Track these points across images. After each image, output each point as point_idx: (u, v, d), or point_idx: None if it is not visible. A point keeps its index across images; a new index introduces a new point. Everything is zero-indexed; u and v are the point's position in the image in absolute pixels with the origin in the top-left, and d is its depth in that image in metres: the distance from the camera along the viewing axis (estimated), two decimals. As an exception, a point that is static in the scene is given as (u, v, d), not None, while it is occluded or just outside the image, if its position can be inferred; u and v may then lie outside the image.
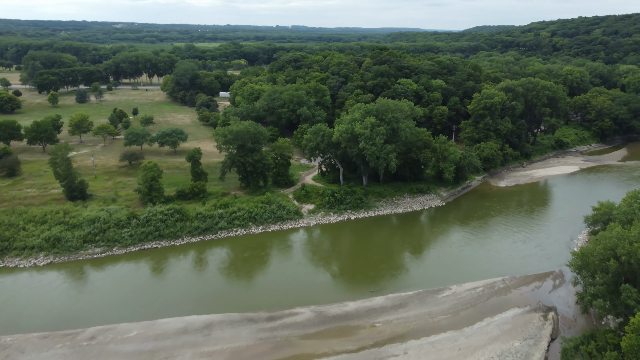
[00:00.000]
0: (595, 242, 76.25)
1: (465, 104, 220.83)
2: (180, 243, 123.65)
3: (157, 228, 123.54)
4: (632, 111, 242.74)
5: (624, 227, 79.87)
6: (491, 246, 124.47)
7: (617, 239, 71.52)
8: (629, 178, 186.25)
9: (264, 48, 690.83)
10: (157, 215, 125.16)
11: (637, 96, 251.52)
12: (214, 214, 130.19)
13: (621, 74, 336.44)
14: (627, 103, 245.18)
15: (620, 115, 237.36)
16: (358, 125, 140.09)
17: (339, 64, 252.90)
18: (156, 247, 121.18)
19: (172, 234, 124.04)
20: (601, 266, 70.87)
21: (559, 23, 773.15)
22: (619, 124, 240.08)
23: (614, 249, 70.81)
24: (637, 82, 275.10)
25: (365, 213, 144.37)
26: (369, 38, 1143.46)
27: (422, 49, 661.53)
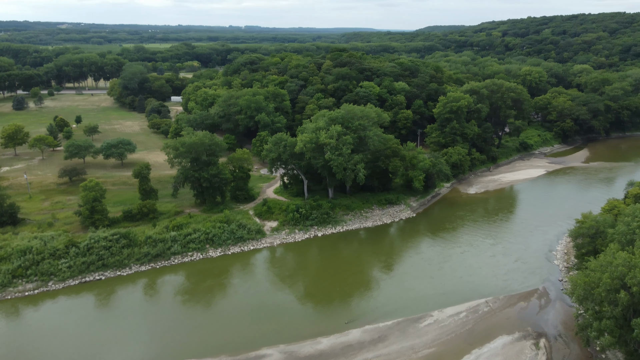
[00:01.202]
0: (600, 268, 68.31)
1: (429, 106, 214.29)
2: (128, 273, 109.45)
3: (101, 257, 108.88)
4: (592, 111, 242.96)
5: (624, 249, 72.59)
6: (471, 261, 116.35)
7: (623, 266, 63.78)
8: (596, 180, 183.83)
9: (217, 49, 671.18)
10: (100, 242, 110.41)
11: (595, 96, 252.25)
12: (166, 237, 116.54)
13: (575, 74, 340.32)
14: (587, 103, 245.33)
15: (580, 116, 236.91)
16: (323, 135, 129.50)
17: (298, 66, 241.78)
18: (99, 279, 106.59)
19: (118, 262, 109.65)
20: (609, 298, 62.91)
21: (509, 23, 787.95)
22: (579, 124, 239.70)
23: (622, 278, 63.02)
24: (593, 82, 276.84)
25: (333, 229, 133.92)
26: (323, 38, 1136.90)
27: (378, 49, 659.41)
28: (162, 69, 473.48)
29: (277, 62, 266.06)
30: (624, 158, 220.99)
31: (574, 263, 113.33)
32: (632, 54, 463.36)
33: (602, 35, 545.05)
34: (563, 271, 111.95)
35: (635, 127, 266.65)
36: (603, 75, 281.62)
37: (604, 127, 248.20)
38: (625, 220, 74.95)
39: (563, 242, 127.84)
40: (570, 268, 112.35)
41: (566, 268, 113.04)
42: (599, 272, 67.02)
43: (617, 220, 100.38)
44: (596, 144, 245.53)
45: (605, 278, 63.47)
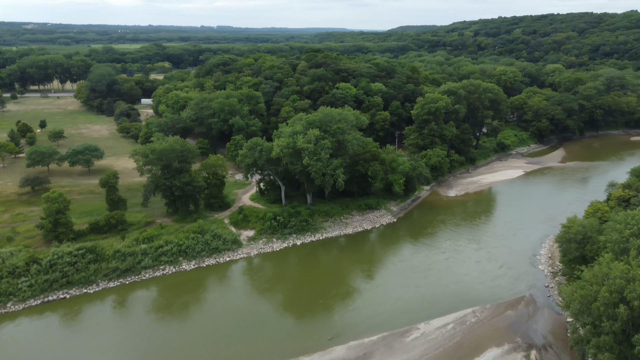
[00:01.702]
0: (595, 280, 65.14)
1: (406, 108, 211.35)
2: (95, 290, 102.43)
3: (65, 274, 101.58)
4: (566, 111, 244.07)
5: (618, 259, 69.80)
6: (457, 268, 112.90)
7: (621, 278, 60.71)
8: (574, 181, 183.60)
9: (189, 49, 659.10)
10: (64, 258, 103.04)
11: (569, 96, 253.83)
12: (135, 250, 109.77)
13: (548, 73, 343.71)
14: (561, 103, 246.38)
15: (556, 116, 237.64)
16: (300, 139, 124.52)
17: (272, 67, 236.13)
18: (64, 298, 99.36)
19: (84, 279, 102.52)
20: (607, 313, 59.70)
21: (481, 23, 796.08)
22: (555, 124, 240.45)
23: (620, 292, 59.94)
24: (567, 81, 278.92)
25: (312, 236, 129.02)
26: (296, 38, 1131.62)
27: (352, 49, 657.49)
28: (132, 70, 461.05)
29: (250, 63, 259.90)
30: (599, 157, 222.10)
31: (559, 268, 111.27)
32: (601, 53, 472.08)
33: (571, 35, 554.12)
34: (548, 276, 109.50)
35: (608, 126, 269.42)
36: (576, 75, 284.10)
37: (578, 126, 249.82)
38: (617, 228, 72.22)
39: (546, 245, 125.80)
40: (556, 273, 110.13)
41: (551, 273, 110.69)
42: (596, 285, 63.88)
43: (604, 225, 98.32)
44: (571, 143, 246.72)
45: (603, 292, 60.29)
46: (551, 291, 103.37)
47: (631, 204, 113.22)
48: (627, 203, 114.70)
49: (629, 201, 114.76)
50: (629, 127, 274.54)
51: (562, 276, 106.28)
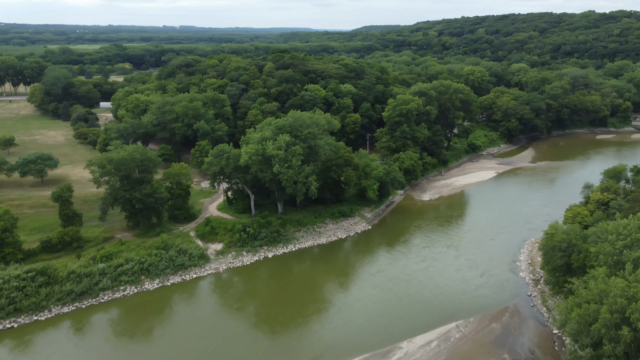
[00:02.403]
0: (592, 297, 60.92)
1: (377, 109, 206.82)
2: (47, 316, 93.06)
3: (12, 300, 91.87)
4: (534, 110, 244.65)
5: (612, 273, 65.94)
6: (437, 278, 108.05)
7: (622, 297, 56.57)
8: (547, 181, 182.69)
9: (150, 50, 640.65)
10: (11, 282, 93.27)
11: (536, 95, 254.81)
12: (92, 270, 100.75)
13: (514, 72, 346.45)
14: (529, 102, 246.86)
15: (524, 115, 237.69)
16: (270, 145, 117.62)
17: (238, 69, 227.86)
18: (11, 327, 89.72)
19: (35, 305, 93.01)
20: (609, 335, 55.41)
21: (444, 23, 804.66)
22: (523, 123, 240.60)
23: (622, 312, 55.75)
24: (534, 81, 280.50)
25: (285, 248, 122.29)
26: (261, 38, 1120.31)
27: (318, 49, 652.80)
28: (90, 72, 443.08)
29: (215, 64, 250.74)
30: (568, 156, 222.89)
31: (540, 275, 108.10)
32: (562, 53, 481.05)
33: (533, 34, 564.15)
34: (530, 284, 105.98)
35: (574, 125, 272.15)
36: (542, 74, 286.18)
37: (546, 125, 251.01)
38: (610, 239, 68.43)
39: (525, 250, 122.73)
40: (537, 281, 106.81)
41: (533, 281, 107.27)
42: (594, 303, 59.64)
43: (586, 231, 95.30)
44: (539, 142, 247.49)
45: (604, 312, 56.03)
46: (534, 300, 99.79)
47: (610, 207, 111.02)
48: (606, 206, 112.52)
49: (607, 204, 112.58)
50: (593, 126, 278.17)
51: (545, 284, 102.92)
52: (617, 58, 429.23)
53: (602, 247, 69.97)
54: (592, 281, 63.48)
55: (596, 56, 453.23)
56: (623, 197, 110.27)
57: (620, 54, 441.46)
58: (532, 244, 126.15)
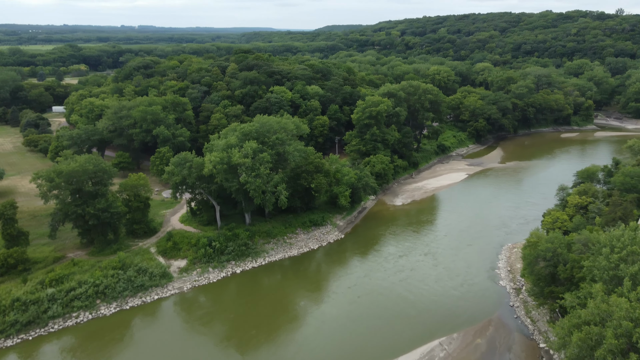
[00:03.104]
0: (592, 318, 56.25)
1: (345, 111, 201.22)
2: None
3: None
4: (501, 110, 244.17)
5: (610, 289, 61.64)
6: (417, 290, 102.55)
7: (626, 319, 52.00)
8: (517, 182, 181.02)
9: (107, 51, 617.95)
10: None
11: (503, 95, 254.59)
12: (41, 296, 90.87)
13: (478, 72, 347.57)
14: (496, 102, 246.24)
15: (492, 115, 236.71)
16: (236, 153, 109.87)
17: (200, 70, 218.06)
18: (-55, 367, 79.33)
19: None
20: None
21: (407, 22, 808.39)
22: (491, 123, 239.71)
23: (628, 337, 51.14)
24: (499, 80, 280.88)
25: (254, 262, 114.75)
26: (223, 38, 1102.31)
27: (281, 49, 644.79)
28: (43, 73, 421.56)
29: (175, 65, 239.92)
30: (535, 156, 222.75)
31: (521, 284, 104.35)
32: (523, 52, 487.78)
33: (494, 34, 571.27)
34: (512, 294, 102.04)
35: (539, 124, 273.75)
36: (508, 74, 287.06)
37: (512, 125, 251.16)
38: (604, 252, 64.28)
39: (503, 257, 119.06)
40: (518, 290, 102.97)
41: (514, 290, 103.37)
42: (594, 325, 55.00)
43: (568, 237, 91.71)
44: (507, 142, 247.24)
45: (609, 337, 51.32)
46: (517, 311, 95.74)
47: (589, 211, 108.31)
48: (585, 210, 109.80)
49: (586, 208, 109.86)
50: (558, 124, 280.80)
51: (526, 293, 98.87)
52: (575, 57, 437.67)
53: (597, 260, 65.64)
54: (590, 300, 58.93)
55: (555, 55, 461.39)
56: (602, 201, 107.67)
57: (579, 52, 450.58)
58: (509, 249, 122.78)
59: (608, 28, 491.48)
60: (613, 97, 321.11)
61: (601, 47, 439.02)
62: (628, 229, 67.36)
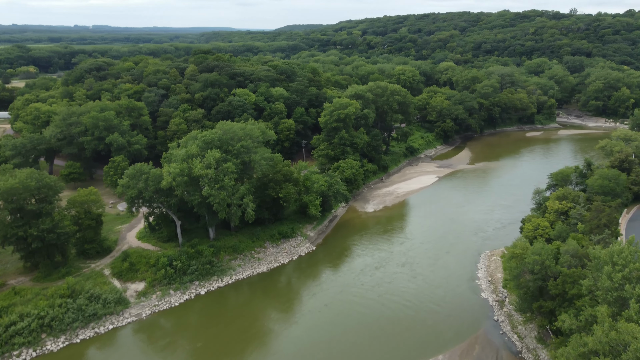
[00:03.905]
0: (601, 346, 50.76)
1: (311, 114, 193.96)
2: None
3: None
4: (467, 109, 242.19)
5: (615, 312, 56.44)
6: (396, 307, 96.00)
7: None
8: (488, 184, 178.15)
9: (59, 51, 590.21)
10: None
11: (469, 94, 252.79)
12: (-26, 334, 79.58)
13: (442, 71, 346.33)
14: (462, 102, 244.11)
15: (459, 115, 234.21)
16: (197, 164, 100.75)
17: (157, 72, 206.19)
18: None
19: None
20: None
21: (367, 22, 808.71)
22: (458, 123, 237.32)
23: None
24: (464, 80, 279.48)
25: (219, 281, 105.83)
26: (181, 38, 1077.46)
27: (241, 49, 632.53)
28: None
29: (130, 67, 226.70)
30: (503, 156, 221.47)
31: (504, 295, 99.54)
32: (483, 51, 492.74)
33: (454, 33, 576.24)
34: (495, 306, 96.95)
35: (504, 123, 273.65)
36: (473, 73, 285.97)
37: (479, 124, 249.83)
38: (606, 271, 59.18)
39: (482, 265, 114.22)
40: (502, 302, 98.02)
41: (497, 302, 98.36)
42: (603, 356, 49.49)
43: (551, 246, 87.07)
44: (473, 142, 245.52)
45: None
46: (503, 326, 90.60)
47: (570, 216, 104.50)
48: (566, 216, 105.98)
49: (567, 214, 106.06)
50: (522, 123, 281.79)
51: (510, 305, 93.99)
52: (534, 56, 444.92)
53: (599, 280, 60.38)
54: (597, 326, 53.48)
55: (515, 54, 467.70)
56: (583, 206, 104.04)
57: (537, 51, 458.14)
58: (488, 257, 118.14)
59: (564, 27, 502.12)
60: (573, 96, 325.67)
61: (558, 46, 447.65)
62: (628, 244, 62.55)
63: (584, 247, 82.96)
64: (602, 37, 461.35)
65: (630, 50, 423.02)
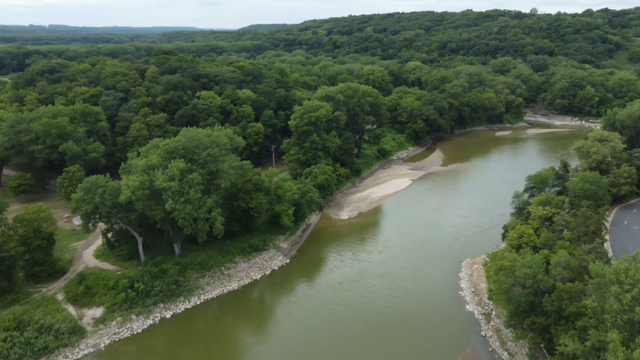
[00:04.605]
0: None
1: (280, 117, 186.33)
2: None
3: None
4: (438, 110, 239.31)
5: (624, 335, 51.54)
6: (379, 326, 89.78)
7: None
8: (462, 186, 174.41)
9: (11, 52, 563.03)
10: None
11: (438, 94, 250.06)
12: None
13: (410, 71, 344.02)
14: (432, 102, 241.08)
15: (430, 116, 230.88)
16: (160, 176, 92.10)
17: (115, 74, 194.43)
18: None
19: None
20: None
21: (332, 21, 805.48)
22: (429, 124, 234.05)
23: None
24: (434, 80, 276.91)
25: (187, 302, 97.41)
26: (142, 38, 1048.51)
27: (205, 49, 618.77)
28: None
29: (86, 69, 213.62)
30: (475, 156, 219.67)
31: (490, 308, 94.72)
32: (449, 50, 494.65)
33: (419, 32, 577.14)
34: (482, 320, 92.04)
35: (473, 123, 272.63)
36: (442, 73, 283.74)
37: (449, 125, 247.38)
38: (614, 291, 54.30)
39: (464, 275, 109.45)
40: (488, 315, 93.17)
41: (483, 316, 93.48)
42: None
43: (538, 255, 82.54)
44: (444, 142, 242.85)
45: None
46: (491, 342, 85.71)
47: (555, 223, 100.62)
48: (550, 222, 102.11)
49: (551, 219, 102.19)
50: (491, 123, 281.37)
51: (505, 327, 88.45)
52: (498, 55, 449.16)
53: (607, 302, 55.43)
54: (610, 355, 48.36)
55: (480, 53, 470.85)
56: (568, 211, 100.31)
57: (501, 50, 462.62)
58: (469, 265, 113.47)
59: (527, 27, 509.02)
60: (539, 94, 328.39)
61: (522, 45, 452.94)
62: (632, 261, 57.91)
63: (575, 257, 78.57)
64: (564, 36, 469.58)
65: (590, 49, 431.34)
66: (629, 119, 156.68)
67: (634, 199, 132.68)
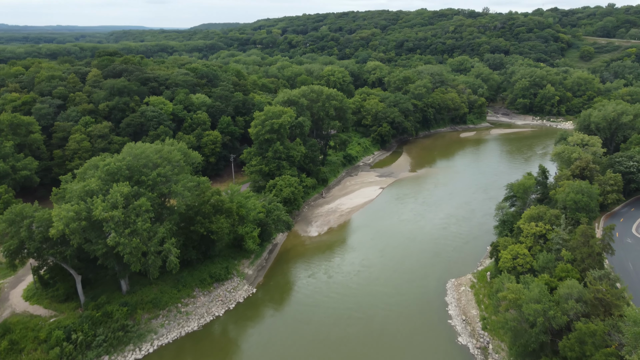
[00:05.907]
0: None
1: (239, 123, 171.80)
2: None
3: None
4: (403, 112, 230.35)
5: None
6: None
7: None
8: (434, 193, 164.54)
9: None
10: None
11: (403, 96, 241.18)
12: None
13: (370, 71, 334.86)
14: (397, 104, 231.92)
15: (395, 118, 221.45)
16: (100, 204, 76.76)
17: (52, 78, 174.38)
18: None
19: None
20: None
21: (287, 20, 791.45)
22: (395, 127, 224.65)
23: None
24: (397, 80, 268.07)
25: (137, 351, 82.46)
26: (88, 38, 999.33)
27: (155, 49, 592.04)
28: None
29: (19, 72, 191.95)
30: (441, 159, 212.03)
31: (486, 341, 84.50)
32: (406, 49, 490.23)
33: (375, 31, 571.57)
34: (478, 356, 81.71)
35: (437, 124, 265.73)
36: (405, 73, 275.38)
37: (414, 127, 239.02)
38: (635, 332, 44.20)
39: (451, 299, 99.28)
40: (485, 349, 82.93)
41: (479, 350, 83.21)
42: None
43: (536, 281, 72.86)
44: (410, 145, 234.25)
45: None
46: (492, 384, 75.35)
47: (549, 240, 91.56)
48: (545, 239, 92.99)
49: (545, 237, 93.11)
50: (455, 123, 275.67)
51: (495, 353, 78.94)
52: (455, 53, 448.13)
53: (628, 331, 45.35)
54: None
55: (436, 52, 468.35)
56: (564, 228, 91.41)
57: (458, 49, 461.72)
58: (455, 287, 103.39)
59: (482, 26, 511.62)
60: (499, 94, 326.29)
61: (478, 44, 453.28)
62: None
63: (588, 287, 69.05)
64: (517, 35, 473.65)
65: (544, 48, 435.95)
66: (604, 121, 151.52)
67: (617, 206, 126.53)
